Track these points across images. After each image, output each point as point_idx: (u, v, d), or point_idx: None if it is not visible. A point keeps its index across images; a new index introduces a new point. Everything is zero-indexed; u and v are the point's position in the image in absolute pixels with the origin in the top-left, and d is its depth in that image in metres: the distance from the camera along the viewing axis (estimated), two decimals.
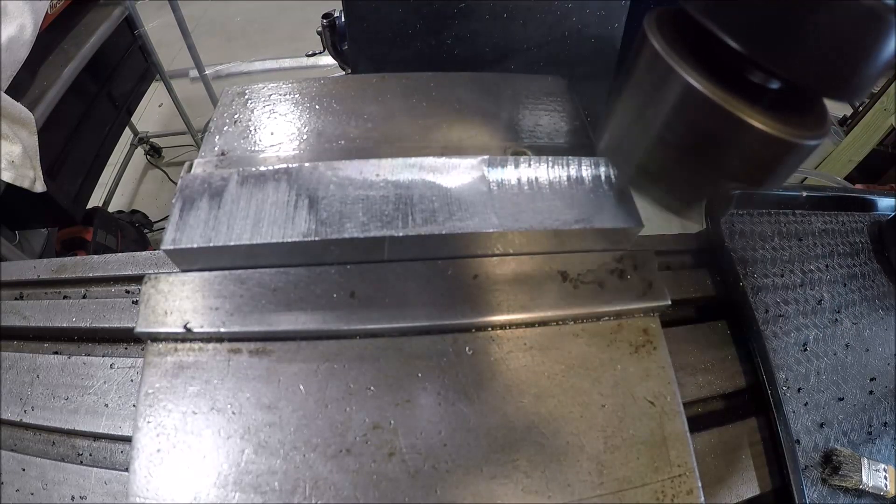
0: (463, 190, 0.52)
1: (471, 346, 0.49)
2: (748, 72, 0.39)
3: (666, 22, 0.41)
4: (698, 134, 0.41)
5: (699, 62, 0.38)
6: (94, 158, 1.58)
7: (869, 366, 0.61)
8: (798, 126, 0.38)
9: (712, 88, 0.37)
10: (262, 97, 0.68)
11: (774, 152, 0.39)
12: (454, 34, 0.84)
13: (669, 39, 0.40)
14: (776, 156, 0.40)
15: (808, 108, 0.41)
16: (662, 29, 0.40)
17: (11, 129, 1.10)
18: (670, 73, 0.39)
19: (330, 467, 0.44)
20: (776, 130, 0.37)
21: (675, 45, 0.39)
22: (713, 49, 0.37)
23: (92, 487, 0.50)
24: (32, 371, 0.56)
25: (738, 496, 0.54)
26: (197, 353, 0.48)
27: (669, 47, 0.39)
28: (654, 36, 0.40)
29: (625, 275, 0.53)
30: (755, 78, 0.39)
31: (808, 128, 0.39)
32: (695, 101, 0.38)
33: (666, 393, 0.49)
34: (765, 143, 0.38)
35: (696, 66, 0.38)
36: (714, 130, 0.40)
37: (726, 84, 0.38)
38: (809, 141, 0.39)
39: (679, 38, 0.40)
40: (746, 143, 0.39)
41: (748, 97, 0.38)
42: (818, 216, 0.71)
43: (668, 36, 0.40)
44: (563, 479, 0.45)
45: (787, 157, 0.40)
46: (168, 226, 0.49)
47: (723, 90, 0.37)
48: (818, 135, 0.39)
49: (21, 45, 1.16)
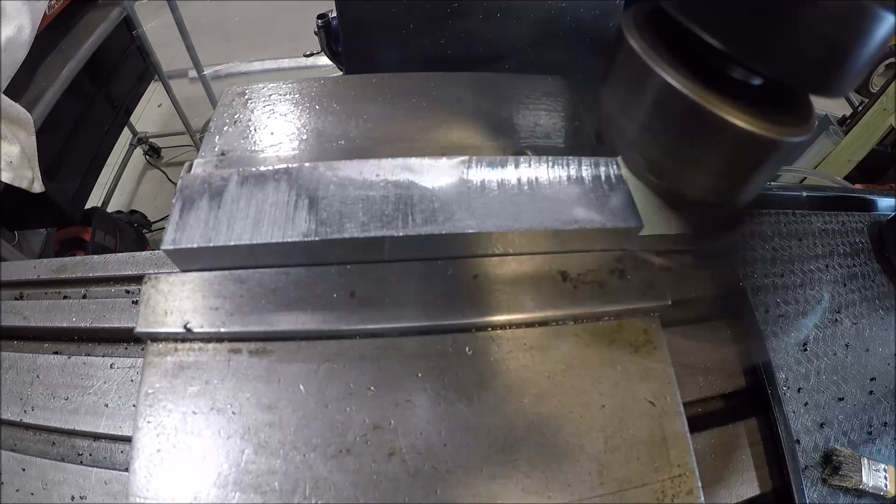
0: (463, 190, 0.52)
1: (471, 346, 0.49)
2: (729, 69, 0.38)
3: (644, 18, 0.40)
4: (678, 133, 0.40)
5: (678, 60, 0.37)
6: (92, 159, 1.58)
7: (869, 366, 0.61)
8: (781, 123, 0.37)
9: (691, 86, 0.36)
10: (262, 97, 0.68)
11: (756, 150, 0.38)
12: (448, 34, 0.84)
13: (647, 37, 0.39)
14: (759, 154, 0.39)
15: (793, 105, 0.40)
16: (640, 26, 0.39)
17: (10, 129, 1.09)
18: (647, 71, 0.38)
19: (330, 467, 0.44)
20: (757, 128, 0.36)
21: (652, 42, 0.38)
22: (692, 46, 0.36)
23: (92, 487, 0.49)
24: (32, 371, 0.56)
25: (738, 496, 0.54)
26: (197, 353, 0.47)
27: (647, 45, 0.38)
28: (630, 34, 0.39)
29: (625, 275, 0.53)
30: (737, 75, 0.38)
31: (791, 125, 0.38)
32: (673, 100, 0.37)
33: (666, 393, 0.49)
34: (746, 141, 0.37)
35: (674, 63, 0.37)
36: (694, 129, 0.39)
37: (706, 82, 0.37)
38: (792, 138, 0.37)
39: (657, 35, 0.39)
40: (727, 141, 0.38)
41: (729, 95, 0.36)
42: (818, 216, 0.71)
43: (645, 33, 0.39)
44: (563, 479, 0.45)
45: (770, 155, 0.39)
46: (168, 226, 0.49)
47: (702, 88, 0.36)
48: (801, 132, 0.38)
49: (19, 45, 1.16)
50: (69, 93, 1.35)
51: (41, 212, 1.35)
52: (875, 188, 1.46)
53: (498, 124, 0.67)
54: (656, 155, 0.42)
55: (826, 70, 0.34)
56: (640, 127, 0.41)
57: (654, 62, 0.37)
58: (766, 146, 0.38)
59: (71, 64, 1.35)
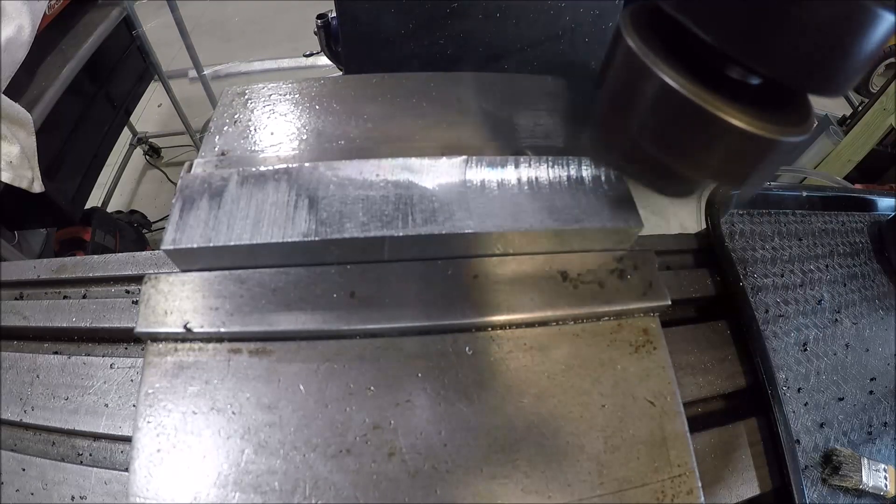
0: (463, 190, 0.52)
1: (471, 346, 0.49)
2: (728, 68, 0.38)
3: (642, 18, 0.40)
4: (676, 132, 0.40)
5: (676, 59, 0.37)
6: (92, 159, 1.58)
7: (869, 366, 0.61)
8: (779, 123, 0.37)
9: (688, 86, 0.36)
10: (262, 97, 0.68)
11: (754, 149, 0.38)
12: (447, 34, 0.84)
13: (645, 36, 0.38)
14: (756, 153, 0.39)
15: (792, 104, 0.39)
16: (638, 25, 0.39)
17: (9, 129, 1.10)
18: (645, 70, 0.37)
19: (330, 467, 0.44)
20: (755, 128, 0.36)
21: (650, 42, 0.38)
22: (691, 45, 0.36)
23: (92, 487, 0.49)
24: (32, 371, 0.56)
25: (738, 496, 0.54)
26: (197, 353, 0.47)
27: (645, 44, 0.38)
28: (628, 33, 0.39)
29: (625, 275, 0.53)
30: (735, 74, 0.38)
31: (788, 124, 0.38)
32: (670, 99, 0.37)
33: (666, 393, 0.49)
34: (743, 140, 0.37)
35: (673, 63, 0.37)
36: (691, 128, 0.38)
37: (704, 81, 0.36)
38: (789, 138, 0.37)
39: (655, 35, 0.39)
40: (725, 140, 0.38)
41: (728, 94, 0.36)
42: (818, 216, 0.71)
43: (643, 33, 0.39)
44: (563, 479, 0.45)
45: (767, 155, 0.39)
46: (168, 226, 0.49)
47: (700, 87, 0.36)
48: (799, 131, 0.38)
49: (19, 45, 1.16)
50: (69, 93, 1.35)
51: (41, 212, 1.35)
52: (875, 188, 1.46)
53: (498, 124, 0.67)
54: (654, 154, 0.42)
55: (824, 69, 0.34)
56: (638, 126, 0.41)
57: (651, 62, 0.37)
58: (764, 146, 0.37)
59: (71, 64, 1.36)
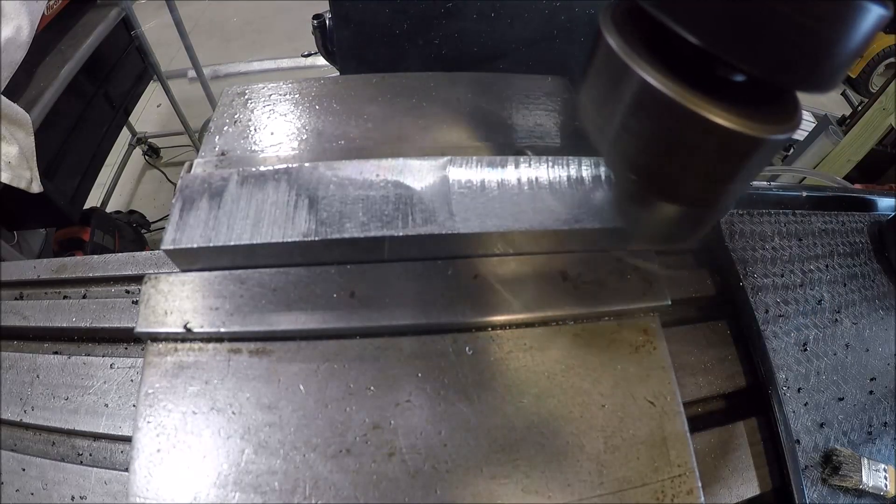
0: (463, 190, 0.52)
1: (471, 346, 0.49)
2: (710, 66, 0.37)
3: (623, 16, 0.39)
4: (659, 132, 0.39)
5: (658, 58, 0.37)
6: (91, 159, 1.58)
7: (869, 366, 0.61)
8: (763, 120, 0.36)
9: (669, 84, 0.36)
10: (262, 97, 0.68)
11: (738, 148, 0.37)
12: (442, 34, 0.84)
13: (626, 35, 0.38)
14: (741, 152, 0.38)
15: (779, 101, 0.39)
16: (618, 24, 0.39)
17: (8, 129, 1.10)
18: (626, 70, 0.37)
19: (330, 467, 0.44)
20: (738, 126, 0.35)
21: (631, 40, 0.37)
22: (672, 43, 0.35)
23: (92, 487, 0.49)
24: (32, 371, 0.56)
25: (738, 496, 0.54)
26: (197, 353, 0.47)
27: (625, 43, 0.37)
28: (609, 31, 0.38)
29: (625, 275, 0.53)
30: (718, 72, 0.37)
31: (774, 122, 0.37)
32: (652, 99, 0.36)
33: (666, 393, 0.49)
34: (727, 139, 0.36)
35: (653, 62, 0.36)
36: (674, 128, 0.38)
37: (687, 79, 0.36)
38: (774, 136, 0.36)
39: (637, 33, 0.38)
40: (709, 139, 0.37)
41: (711, 92, 0.36)
42: (818, 216, 0.71)
43: (624, 31, 0.38)
44: (563, 479, 0.45)
45: (752, 153, 0.38)
46: (168, 226, 0.49)
47: (681, 86, 0.36)
48: (785, 129, 0.37)
49: (18, 46, 1.16)
50: (68, 93, 1.35)
51: (40, 212, 1.35)
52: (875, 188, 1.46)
53: (498, 124, 0.67)
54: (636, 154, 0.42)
55: (810, 66, 0.33)
56: (619, 126, 0.41)
57: (632, 60, 0.37)
58: (747, 144, 0.37)
59: (70, 64, 1.36)
